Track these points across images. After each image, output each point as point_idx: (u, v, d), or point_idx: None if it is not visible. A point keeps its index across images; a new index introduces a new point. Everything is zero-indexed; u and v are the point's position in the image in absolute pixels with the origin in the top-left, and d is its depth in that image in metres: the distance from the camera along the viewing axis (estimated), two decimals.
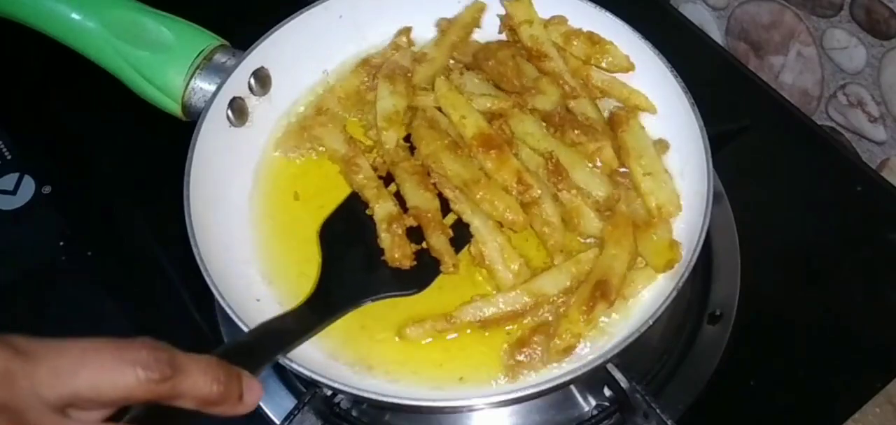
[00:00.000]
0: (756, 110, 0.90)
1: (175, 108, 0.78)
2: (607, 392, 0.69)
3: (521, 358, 0.63)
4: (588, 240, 0.70)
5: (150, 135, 0.85)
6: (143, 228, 0.84)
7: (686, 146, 0.71)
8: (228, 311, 0.60)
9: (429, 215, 0.69)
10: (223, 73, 0.75)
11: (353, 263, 0.69)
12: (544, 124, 0.74)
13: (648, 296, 0.67)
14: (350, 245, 0.70)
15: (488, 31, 0.82)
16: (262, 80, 0.77)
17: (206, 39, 0.79)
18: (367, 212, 0.70)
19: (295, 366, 0.59)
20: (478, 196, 0.69)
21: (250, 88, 0.77)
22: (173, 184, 0.67)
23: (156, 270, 0.81)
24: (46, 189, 0.86)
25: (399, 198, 0.71)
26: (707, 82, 0.77)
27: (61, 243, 0.82)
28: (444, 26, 0.81)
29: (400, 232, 0.68)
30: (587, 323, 0.63)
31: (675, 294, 0.61)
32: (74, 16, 0.78)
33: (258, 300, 0.67)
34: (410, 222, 0.69)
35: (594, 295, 0.64)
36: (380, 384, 0.64)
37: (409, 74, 0.78)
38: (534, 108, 0.74)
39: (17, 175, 0.86)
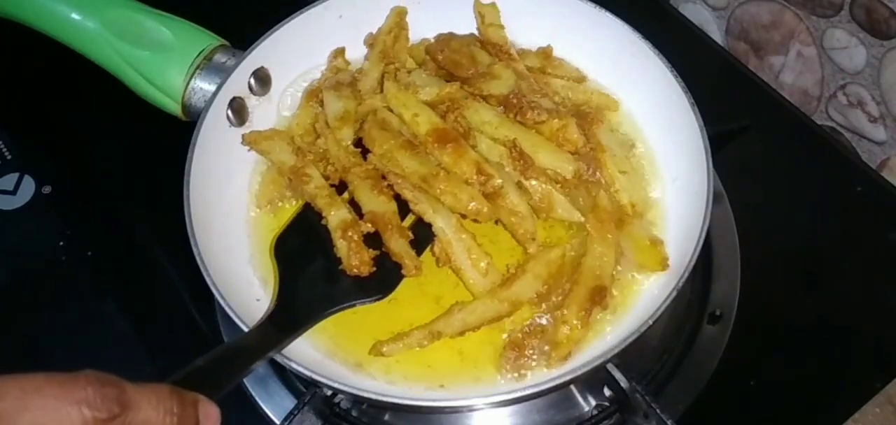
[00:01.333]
0: (756, 110, 0.90)
1: (175, 108, 0.78)
2: (607, 392, 0.69)
3: (518, 362, 0.63)
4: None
5: (150, 135, 0.85)
6: (143, 228, 0.84)
7: (686, 146, 0.71)
8: (228, 311, 0.60)
9: (386, 219, 0.67)
10: (223, 73, 0.75)
11: (313, 275, 0.67)
12: (501, 109, 0.73)
13: (648, 296, 0.67)
14: (308, 257, 0.68)
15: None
16: (262, 80, 0.77)
17: (206, 39, 0.79)
18: (323, 221, 0.68)
19: (294, 366, 0.59)
20: (439, 189, 0.67)
21: (250, 88, 0.77)
22: (173, 184, 0.67)
23: (156, 270, 0.81)
24: (46, 189, 0.86)
25: (355, 206, 0.69)
26: (707, 82, 0.77)
27: (61, 243, 0.82)
28: (371, 40, 0.81)
29: (356, 238, 0.66)
30: (585, 328, 0.64)
31: (675, 294, 0.61)
32: (74, 16, 0.78)
33: (258, 300, 0.67)
34: (367, 228, 0.67)
35: (592, 299, 0.64)
36: (379, 384, 0.64)
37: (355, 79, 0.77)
38: (489, 94, 0.73)
39: (17, 175, 0.86)
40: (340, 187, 0.71)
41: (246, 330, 0.59)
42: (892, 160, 0.89)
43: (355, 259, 0.65)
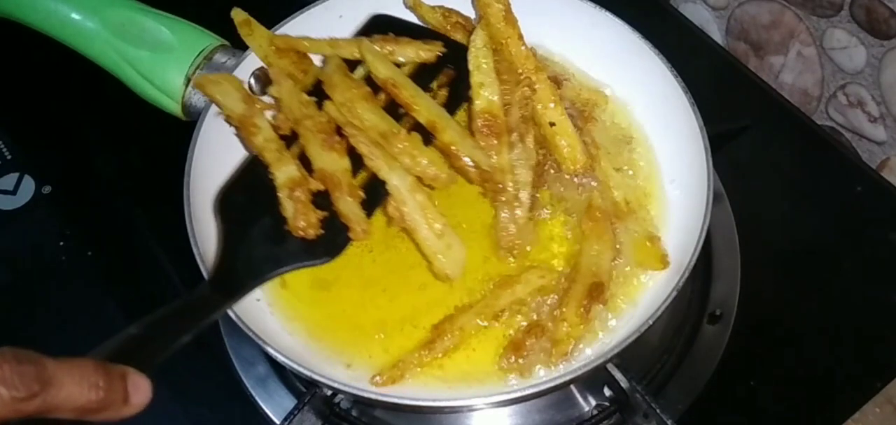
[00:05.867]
0: (756, 110, 0.90)
1: (175, 108, 0.78)
2: (607, 392, 0.69)
3: (518, 361, 0.63)
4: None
5: (150, 135, 0.85)
6: (143, 228, 0.84)
7: (686, 146, 0.71)
8: (228, 311, 0.60)
9: (336, 178, 0.63)
10: (223, 73, 0.75)
11: (258, 234, 0.63)
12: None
13: (648, 296, 0.67)
14: (253, 215, 0.64)
15: None
16: (261, 80, 0.77)
17: (206, 39, 0.79)
18: (270, 177, 0.64)
19: (294, 366, 0.59)
20: (397, 148, 0.64)
21: (250, 88, 0.77)
22: (173, 184, 0.67)
23: (156, 270, 0.81)
24: (46, 189, 0.86)
25: (305, 161, 0.65)
26: (707, 82, 0.77)
27: (61, 243, 0.82)
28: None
29: (303, 198, 0.62)
30: (585, 324, 0.64)
31: (675, 294, 0.61)
32: (74, 16, 0.78)
33: (258, 300, 0.67)
34: (316, 186, 0.64)
35: (589, 296, 0.64)
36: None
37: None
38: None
39: (17, 175, 0.86)
40: (292, 139, 0.67)
41: (247, 330, 0.59)
42: (892, 160, 0.89)
43: (302, 220, 0.62)
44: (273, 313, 0.67)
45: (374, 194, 0.65)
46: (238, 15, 0.71)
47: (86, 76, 0.80)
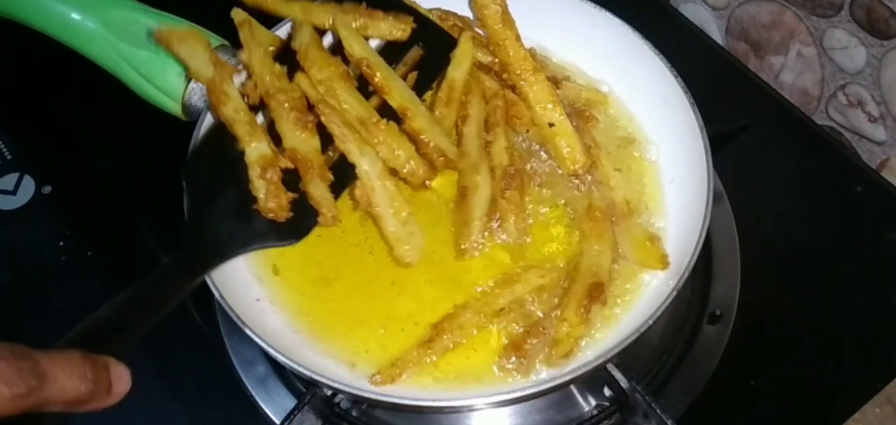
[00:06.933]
0: (756, 110, 0.90)
1: (175, 108, 0.78)
2: (607, 392, 0.69)
3: (518, 361, 0.63)
4: None
5: (150, 135, 0.85)
6: (143, 228, 0.84)
7: (686, 146, 0.71)
8: (228, 311, 0.60)
9: (307, 159, 0.61)
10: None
11: (223, 210, 0.61)
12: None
13: (648, 296, 0.67)
14: (218, 187, 0.61)
15: None
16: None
17: None
18: (238, 147, 0.62)
19: (294, 366, 0.59)
20: (377, 139, 0.63)
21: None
22: (173, 184, 0.67)
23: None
24: (46, 189, 0.86)
25: (271, 130, 0.64)
26: (707, 82, 0.78)
27: (61, 243, 0.82)
28: None
29: (275, 180, 0.60)
30: (585, 325, 0.64)
31: (675, 294, 0.61)
32: (74, 16, 0.78)
33: (258, 300, 0.67)
34: (285, 163, 0.62)
35: (589, 296, 0.64)
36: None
37: None
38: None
39: (17, 175, 0.86)
40: (259, 107, 0.65)
41: (247, 330, 0.59)
42: (892, 160, 0.89)
43: (273, 201, 0.60)
44: (273, 313, 0.67)
45: (342, 176, 0.64)
46: (238, 15, 0.71)
47: (86, 76, 0.80)
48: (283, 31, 0.76)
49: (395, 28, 0.71)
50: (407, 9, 0.74)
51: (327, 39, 0.71)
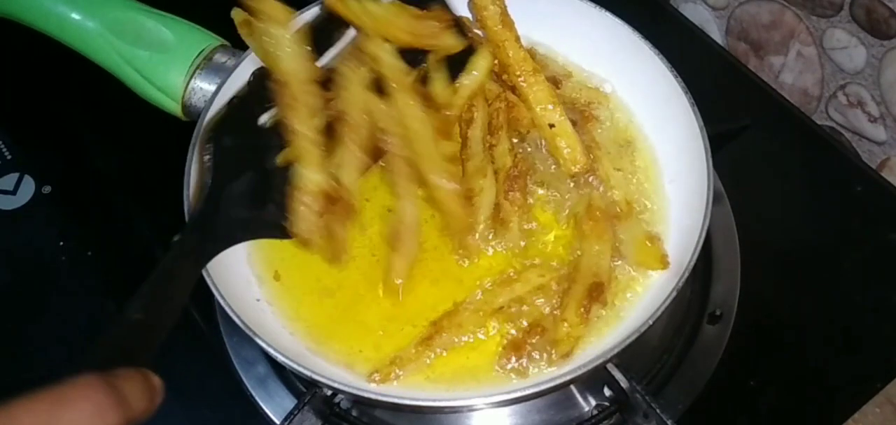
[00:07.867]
0: (756, 110, 0.90)
1: (175, 108, 0.78)
2: (607, 392, 0.69)
3: (518, 362, 0.63)
4: None
5: (150, 135, 0.85)
6: (143, 228, 0.84)
7: (686, 146, 0.71)
8: (228, 311, 0.60)
9: (353, 205, 0.62)
10: (223, 72, 0.75)
11: (237, 193, 0.58)
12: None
13: (648, 296, 0.67)
14: (238, 167, 0.58)
15: None
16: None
17: (206, 39, 0.79)
18: (279, 160, 0.59)
19: (294, 366, 0.59)
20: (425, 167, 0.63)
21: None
22: (173, 184, 0.67)
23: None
24: (46, 189, 0.86)
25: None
26: (707, 82, 0.77)
27: (61, 243, 0.82)
28: None
29: (317, 209, 0.60)
30: (585, 325, 0.64)
31: (675, 294, 0.61)
32: (74, 16, 0.78)
33: (258, 300, 0.67)
34: (326, 192, 0.62)
35: (589, 296, 0.64)
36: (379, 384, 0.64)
37: None
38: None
39: (17, 175, 0.86)
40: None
41: (248, 331, 0.59)
42: (892, 160, 0.89)
43: (305, 225, 0.61)
44: (273, 313, 0.67)
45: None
46: (238, 15, 0.71)
47: (86, 76, 0.80)
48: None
49: (420, 38, 0.68)
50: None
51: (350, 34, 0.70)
